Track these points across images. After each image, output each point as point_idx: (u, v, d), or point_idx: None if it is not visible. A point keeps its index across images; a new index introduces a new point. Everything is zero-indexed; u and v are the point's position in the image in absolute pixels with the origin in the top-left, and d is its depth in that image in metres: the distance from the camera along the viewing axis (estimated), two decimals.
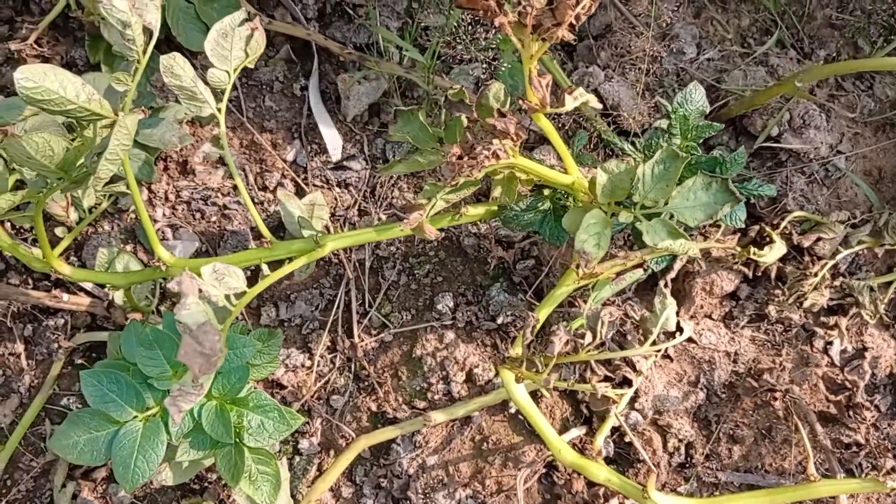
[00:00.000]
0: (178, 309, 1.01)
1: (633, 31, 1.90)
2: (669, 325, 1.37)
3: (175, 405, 1.02)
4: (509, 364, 1.33)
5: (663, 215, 1.24)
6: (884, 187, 1.89)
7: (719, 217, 1.22)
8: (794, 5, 1.98)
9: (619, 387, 1.41)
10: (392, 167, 1.40)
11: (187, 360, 0.94)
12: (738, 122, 1.85)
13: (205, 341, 0.95)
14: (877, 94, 1.91)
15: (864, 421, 1.68)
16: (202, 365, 0.95)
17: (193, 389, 1.01)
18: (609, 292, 1.45)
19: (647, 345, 1.36)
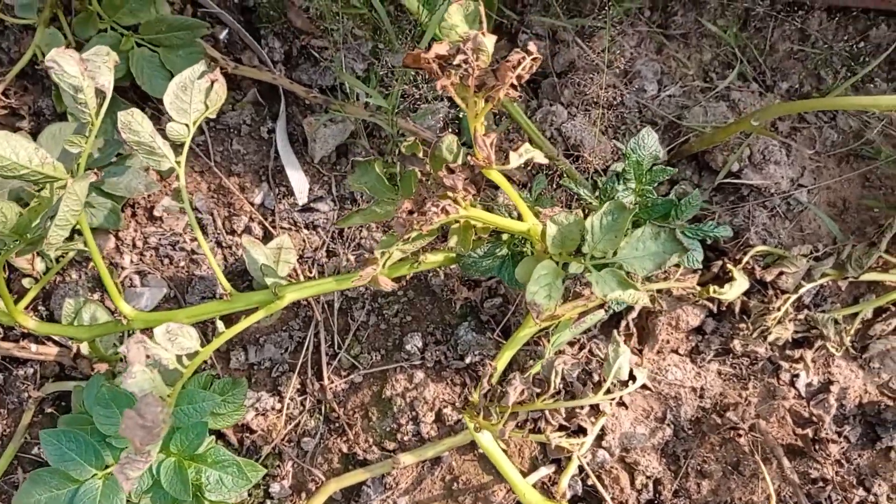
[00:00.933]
0: (125, 377, 1.02)
1: (596, 68, 1.92)
2: (622, 373, 1.38)
3: (123, 473, 1.03)
4: (468, 412, 1.34)
5: (613, 266, 1.25)
6: (849, 218, 1.90)
7: (668, 266, 1.23)
8: (755, 38, 2.00)
9: (576, 434, 1.42)
10: (349, 219, 1.41)
11: (128, 433, 0.95)
12: (701, 157, 1.86)
13: (147, 413, 0.96)
14: (840, 125, 1.93)
15: (830, 455, 1.69)
16: (143, 437, 0.95)
17: (140, 457, 1.02)
18: (569, 335, 1.46)
19: (600, 393, 1.37)
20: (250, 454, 1.83)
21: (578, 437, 1.38)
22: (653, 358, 1.79)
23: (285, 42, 1.99)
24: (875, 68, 2.00)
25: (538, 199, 1.55)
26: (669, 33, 1.99)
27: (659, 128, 1.88)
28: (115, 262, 1.85)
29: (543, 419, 1.34)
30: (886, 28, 1.98)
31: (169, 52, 1.82)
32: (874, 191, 1.91)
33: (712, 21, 1.97)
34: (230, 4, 2.04)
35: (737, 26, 1.99)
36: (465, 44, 1.09)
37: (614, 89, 1.90)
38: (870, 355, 1.83)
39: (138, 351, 1.04)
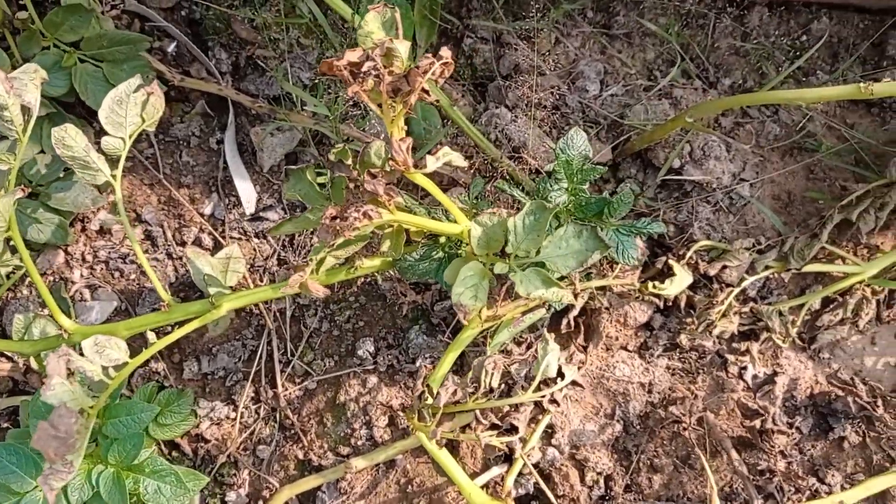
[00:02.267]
0: (44, 390, 1.03)
1: (540, 70, 1.94)
2: (550, 371, 1.39)
3: (47, 483, 1.04)
4: (408, 414, 1.35)
5: (537, 265, 1.26)
6: (794, 210, 1.92)
7: (590, 263, 1.25)
8: (698, 36, 2.01)
9: (508, 433, 1.43)
10: (280, 227, 1.42)
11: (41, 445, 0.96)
12: (644, 155, 1.88)
13: (60, 424, 0.97)
14: (782, 119, 1.95)
15: (778, 447, 1.70)
16: (57, 448, 0.96)
17: (63, 468, 1.03)
18: (507, 335, 1.47)
19: (530, 391, 1.38)
20: (205, 463, 1.84)
21: (511, 436, 1.39)
22: (601, 355, 1.80)
23: (232, 53, 2.01)
24: (818, 61, 2.02)
25: (477, 201, 1.57)
26: (612, 33, 2.00)
27: (602, 127, 1.90)
28: (65, 277, 1.86)
29: (474, 419, 1.36)
30: (828, 21, 2.01)
31: (113, 66, 1.83)
32: (818, 183, 1.92)
33: (654, 20, 1.99)
34: (177, 17, 2.06)
35: (679, 24, 2.01)
36: (373, 51, 1.11)
37: (557, 90, 1.92)
38: (819, 346, 1.84)
39: (58, 364, 1.05)
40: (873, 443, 1.78)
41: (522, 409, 1.54)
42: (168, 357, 1.88)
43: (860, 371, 1.85)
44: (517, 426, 1.38)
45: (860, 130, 1.95)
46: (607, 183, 1.94)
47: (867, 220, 1.76)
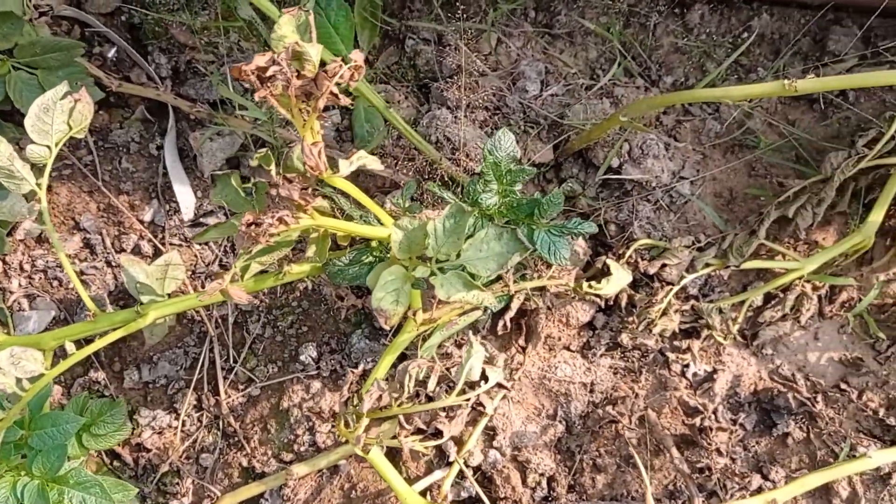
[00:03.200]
0: None
1: (481, 71, 1.93)
2: (473, 374, 1.39)
3: None
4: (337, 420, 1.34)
5: (458, 268, 1.25)
6: (736, 207, 1.92)
7: (510, 266, 1.24)
8: (640, 34, 2.02)
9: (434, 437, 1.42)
10: (206, 234, 1.41)
11: None
12: (585, 154, 1.88)
13: None
14: (723, 116, 1.95)
15: (720, 444, 1.70)
16: None
17: None
18: (439, 338, 1.46)
19: (453, 395, 1.37)
20: (147, 473, 1.82)
21: (436, 440, 1.38)
22: (543, 355, 1.80)
23: (171, 57, 1.99)
24: (760, 57, 2.02)
25: (416, 203, 1.56)
26: (554, 33, 2.00)
27: (543, 127, 1.89)
28: (2, 287, 1.83)
29: (399, 424, 1.35)
30: (769, 17, 2.01)
31: (48, 73, 1.81)
32: (760, 179, 1.93)
33: (595, 19, 1.99)
34: (117, 22, 2.04)
35: (621, 23, 2.01)
36: (279, 56, 1.10)
37: (498, 91, 1.91)
38: (761, 342, 1.85)
39: None
40: (817, 438, 1.79)
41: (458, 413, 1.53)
42: (109, 366, 1.86)
43: (804, 366, 1.86)
44: (442, 430, 1.37)
45: (801, 126, 1.96)
46: (550, 183, 1.94)
47: (804, 215, 1.77)
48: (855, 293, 1.87)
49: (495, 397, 1.60)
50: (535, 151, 1.87)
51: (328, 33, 1.95)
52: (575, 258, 1.82)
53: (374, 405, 1.30)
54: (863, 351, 1.86)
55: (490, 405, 1.57)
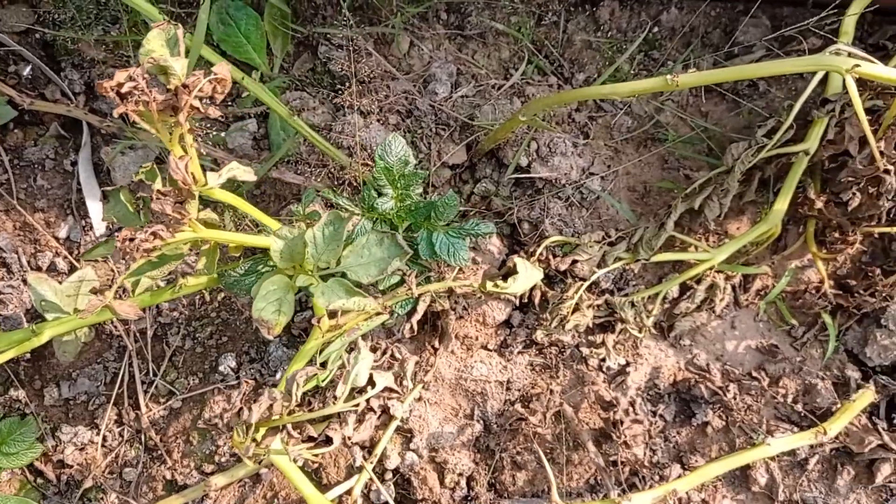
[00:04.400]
0: None
1: (393, 75, 1.94)
2: (359, 380, 1.39)
3: None
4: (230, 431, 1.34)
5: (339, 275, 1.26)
6: (651, 201, 1.94)
7: (391, 270, 1.25)
8: (552, 32, 2.03)
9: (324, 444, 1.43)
10: (93, 251, 1.41)
11: None
12: (497, 154, 1.89)
13: None
14: (635, 111, 1.97)
15: (622, 437, 1.71)
16: None
17: None
18: (340, 345, 1.46)
19: (340, 401, 1.38)
20: (71, 489, 1.82)
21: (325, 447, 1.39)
22: (461, 355, 1.81)
23: (84, 73, 1.98)
24: (672, 51, 2.04)
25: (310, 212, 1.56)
26: (466, 34, 2.01)
27: (454, 129, 1.90)
28: None
29: (286, 432, 1.36)
30: (678, 11, 2.03)
31: None
32: (672, 173, 1.95)
33: (505, 19, 2.00)
34: (31, 41, 2.03)
35: (532, 22, 2.02)
36: (134, 71, 1.10)
37: (409, 94, 1.92)
38: (678, 333, 1.86)
39: None
40: (735, 426, 1.80)
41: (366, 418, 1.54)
42: (29, 384, 1.86)
43: (721, 356, 1.88)
44: (333, 438, 1.37)
45: (714, 117, 1.97)
46: (466, 183, 1.95)
47: (712, 207, 1.78)
48: (770, 281, 1.89)
49: (405, 400, 1.61)
50: (448, 153, 1.88)
51: (239, 42, 1.96)
52: (490, 257, 1.84)
53: (265, 415, 1.30)
54: (779, 338, 1.88)
55: (399, 409, 1.58)
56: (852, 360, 1.85)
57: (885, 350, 1.78)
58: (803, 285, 1.89)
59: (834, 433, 1.58)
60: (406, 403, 1.59)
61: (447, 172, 1.91)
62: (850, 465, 1.75)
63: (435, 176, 1.90)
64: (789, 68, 1.37)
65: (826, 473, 1.76)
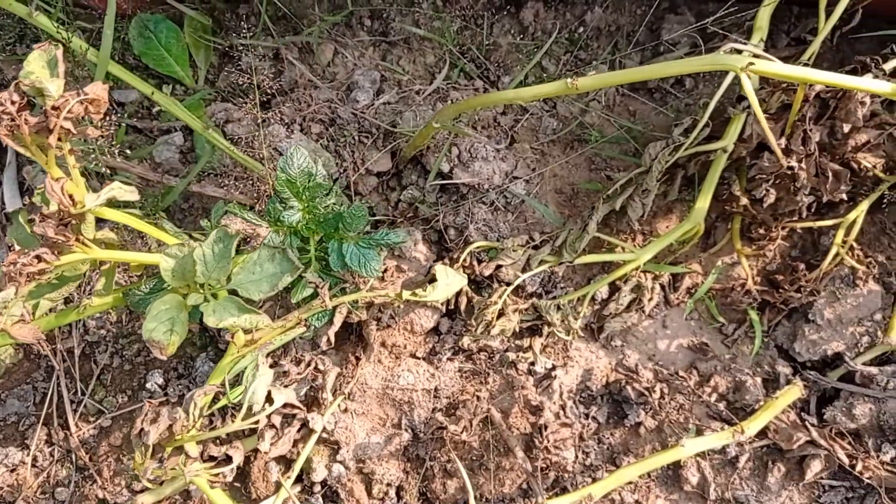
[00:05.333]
0: None
1: (313, 84, 1.93)
2: (256, 398, 1.38)
3: None
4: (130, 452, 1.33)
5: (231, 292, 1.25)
6: (579, 202, 1.93)
7: (283, 286, 1.24)
8: (477, 35, 2.02)
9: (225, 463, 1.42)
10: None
11: None
12: (421, 160, 1.88)
13: None
14: (560, 112, 1.96)
15: (545, 441, 1.70)
16: None
17: None
18: (250, 360, 1.45)
19: (238, 419, 1.37)
20: None
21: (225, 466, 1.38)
22: (389, 364, 1.80)
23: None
24: (598, 50, 2.03)
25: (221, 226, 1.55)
26: (391, 40, 2.00)
27: (377, 136, 1.89)
28: None
29: (184, 453, 1.34)
30: (602, 11, 2.02)
31: None
32: (599, 173, 1.94)
33: (428, 24, 1.99)
34: None
35: (457, 26, 2.01)
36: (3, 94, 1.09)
37: (332, 103, 1.91)
38: (608, 334, 1.85)
39: None
40: (668, 426, 1.80)
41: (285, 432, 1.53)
42: None
43: (654, 355, 1.87)
44: (233, 456, 1.37)
45: (643, 116, 1.96)
46: (393, 191, 1.94)
47: (634, 207, 1.77)
48: (701, 279, 1.89)
49: (325, 413, 1.60)
50: (372, 161, 1.87)
51: (161, 55, 1.94)
52: (416, 265, 1.83)
53: (164, 435, 1.29)
54: (711, 335, 1.87)
55: (318, 422, 1.57)
56: (783, 356, 1.84)
57: (814, 345, 1.78)
58: (733, 282, 1.88)
59: (753, 432, 1.57)
60: (326, 416, 1.58)
61: (373, 180, 1.90)
62: (780, 462, 1.74)
63: (361, 184, 1.89)
64: (685, 68, 1.36)
65: (757, 471, 1.76)
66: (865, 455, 1.69)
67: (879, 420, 1.71)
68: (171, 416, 1.28)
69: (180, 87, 2.01)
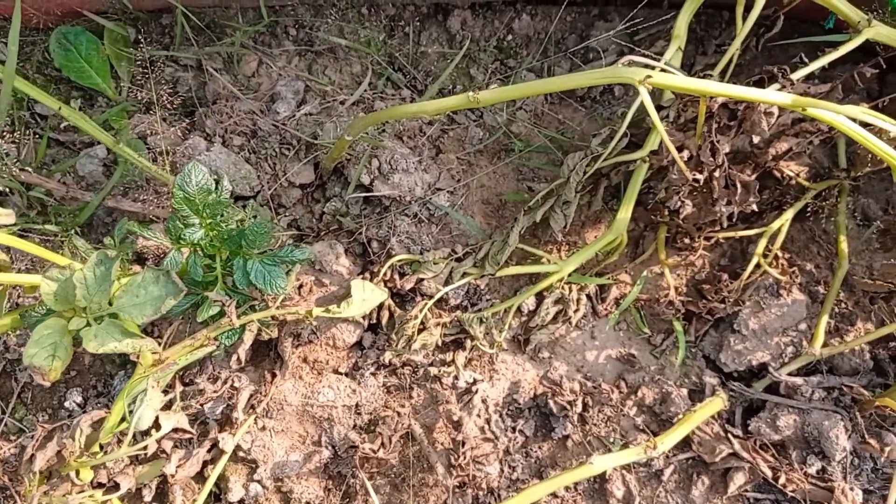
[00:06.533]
0: None
1: (234, 96, 1.90)
2: (142, 423, 1.36)
3: None
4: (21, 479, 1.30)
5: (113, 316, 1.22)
6: (507, 213, 1.91)
7: (166, 310, 1.21)
8: (405, 44, 1.99)
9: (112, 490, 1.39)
10: None
11: None
12: (343, 172, 1.85)
13: None
14: (487, 122, 1.93)
15: (461, 457, 1.68)
16: None
17: None
18: (154, 381, 1.43)
19: (125, 446, 1.34)
20: None
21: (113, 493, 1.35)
22: (309, 381, 1.77)
23: None
24: (528, 57, 2.01)
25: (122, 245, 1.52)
26: (316, 49, 1.97)
27: (299, 148, 1.86)
28: None
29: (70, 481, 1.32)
30: (530, 18, 2.00)
31: None
32: (527, 183, 1.91)
33: (355, 33, 1.96)
34: None
35: (383, 34, 1.98)
36: None
37: (253, 115, 1.88)
38: (535, 346, 1.83)
39: None
40: (595, 439, 1.78)
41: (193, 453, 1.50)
42: None
43: (582, 367, 1.85)
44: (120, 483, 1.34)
45: (572, 125, 1.94)
46: (318, 203, 1.91)
47: (556, 218, 1.75)
48: (628, 289, 1.87)
49: (237, 433, 1.57)
50: (294, 173, 1.84)
51: (81, 68, 1.91)
52: (339, 278, 1.80)
53: (52, 461, 1.27)
54: (640, 346, 1.85)
55: (229, 443, 1.54)
56: (710, 367, 1.82)
57: (739, 355, 1.76)
58: (661, 292, 1.86)
59: (667, 446, 1.55)
60: (238, 436, 1.55)
61: (297, 192, 1.88)
62: (705, 474, 1.72)
63: (284, 196, 1.87)
64: (584, 81, 1.33)
65: (682, 483, 1.74)
66: (789, 467, 1.67)
67: (804, 431, 1.69)
68: (60, 443, 1.26)
69: (103, 100, 1.98)
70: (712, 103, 1.38)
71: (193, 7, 1.95)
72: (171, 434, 1.46)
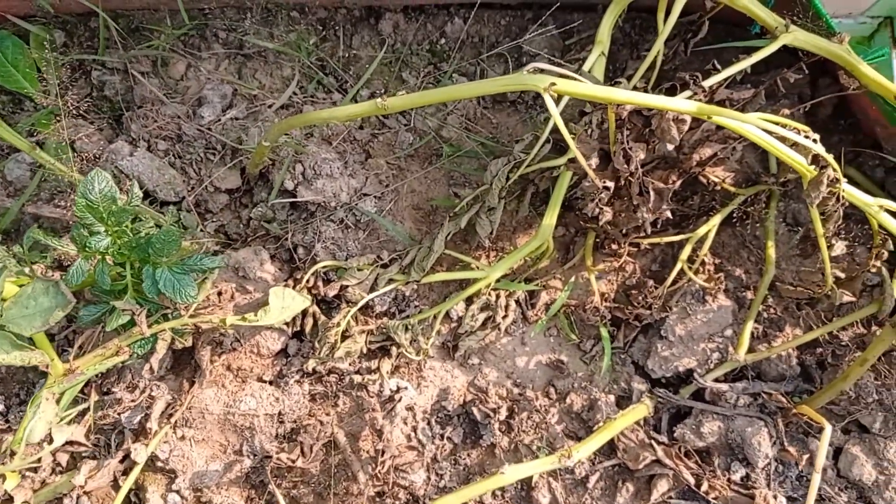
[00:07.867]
0: None
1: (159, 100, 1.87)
2: (33, 436, 1.33)
3: None
4: None
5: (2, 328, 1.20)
6: (438, 218, 1.89)
7: (55, 321, 1.19)
8: (336, 48, 1.97)
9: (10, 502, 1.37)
10: None
11: None
12: (268, 177, 1.83)
13: None
14: (417, 126, 1.92)
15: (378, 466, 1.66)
16: None
17: None
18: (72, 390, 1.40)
19: (17, 459, 1.32)
20: None
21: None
22: (232, 389, 1.75)
23: None
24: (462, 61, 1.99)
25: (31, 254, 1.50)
26: (246, 52, 1.95)
27: (224, 153, 1.84)
28: None
29: None
30: (462, 22, 1.98)
31: None
32: (458, 188, 1.90)
33: (283, 36, 1.94)
34: None
35: (314, 38, 1.96)
36: None
37: (177, 119, 1.85)
38: (465, 353, 1.82)
39: None
40: (522, 446, 1.77)
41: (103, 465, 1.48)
42: None
43: (512, 373, 1.83)
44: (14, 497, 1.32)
45: (506, 129, 1.93)
46: (246, 208, 1.89)
47: (482, 224, 1.74)
48: (558, 295, 1.85)
49: (150, 444, 1.55)
50: (219, 178, 1.82)
51: (8, 72, 1.88)
52: (263, 285, 1.78)
53: None
54: (570, 352, 1.84)
55: (141, 454, 1.52)
56: (639, 373, 1.81)
57: (666, 361, 1.75)
58: (591, 298, 1.85)
59: (583, 455, 1.54)
60: (151, 446, 1.53)
61: (224, 197, 1.85)
62: (630, 481, 1.72)
63: (211, 201, 1.85)
64: (490, 88, 1.32)
65: (608, 490, 1.73)
66: (712, 474, 1.66)
67: (728, 438, 1.68)
68: None
69: (30, 104, 1.95)
70: (620, 110, 1.37)
71: (121, 10, 1.92)
72: (67, 447, 1.44)
